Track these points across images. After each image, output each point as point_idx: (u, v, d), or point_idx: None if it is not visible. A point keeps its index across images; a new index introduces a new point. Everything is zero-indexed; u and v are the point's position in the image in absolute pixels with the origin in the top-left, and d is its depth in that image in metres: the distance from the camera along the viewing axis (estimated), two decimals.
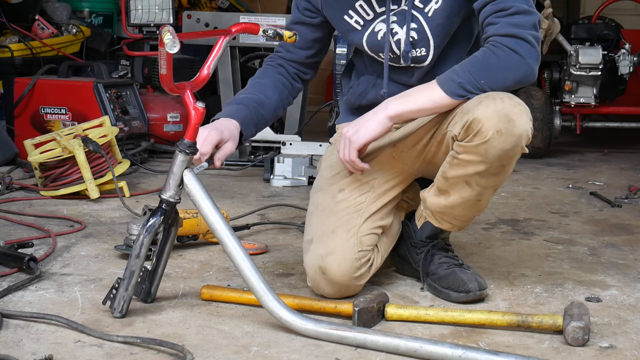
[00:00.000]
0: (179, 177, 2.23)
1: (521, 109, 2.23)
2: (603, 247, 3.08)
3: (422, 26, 2.38)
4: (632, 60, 5.26)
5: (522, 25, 2.23)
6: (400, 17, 2.40)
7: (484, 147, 2.22)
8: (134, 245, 2.23)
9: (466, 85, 2.24)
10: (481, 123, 2.20)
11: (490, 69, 2.24)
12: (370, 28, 2.44)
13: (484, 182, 2.29)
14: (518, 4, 2.24)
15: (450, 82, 2.25)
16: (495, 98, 2.22)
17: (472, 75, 2.23)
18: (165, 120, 4.86)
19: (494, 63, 2.23)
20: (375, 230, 2.44)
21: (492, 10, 2.25)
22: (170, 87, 2.19)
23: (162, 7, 5.00)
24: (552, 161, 5.11)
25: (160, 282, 2.34)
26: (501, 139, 2.21)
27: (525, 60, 2.23)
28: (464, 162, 2.26)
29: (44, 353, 1.95)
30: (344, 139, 2.34)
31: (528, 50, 2.23)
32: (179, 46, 2.08)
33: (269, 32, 2.28)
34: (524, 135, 2.23)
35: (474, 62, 2.25)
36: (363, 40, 2.46)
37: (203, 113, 2.22)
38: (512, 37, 2.23)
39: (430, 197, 2.41)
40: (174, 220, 2.30)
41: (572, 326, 2.10)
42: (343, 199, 2.43)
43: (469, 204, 2.35)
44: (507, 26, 2.23)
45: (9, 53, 4.83)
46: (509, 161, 2.27)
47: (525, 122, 2.23)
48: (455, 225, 2.45)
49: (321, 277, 2.38)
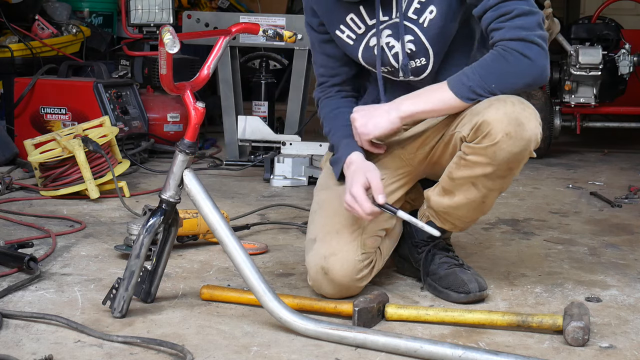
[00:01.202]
0: (179, 177, 2.23)
1: (531, 113, 2.23)
2: (603, 247, 3.08)
3: (419, 37, 2.36)
4: (632, 60, 5.25)
5: (527, 27, 2.23)
6: (394, 30, 2.38)
7: (492, 149, 2.22)
8: (134, 245, 2.23)
9: (476, 89, 2.24)
10: (491, 125, 2.20)
11: (501, 73, 2.24)
12: (363, 42, 2.42)
13: (490, 184, 2.29)
14: (519, 5, 2.24)
15: (461, 85, 2.26)
16: (506, 101, 2.22)
17: (483, 79, 2.24)
18: (165, 120, 4.86)
19: (504, 67, 2.23)
20: (379, 232, 2.44)
21: (494, 17, 2.25)
22: (170, 87, 2.18)
23: (162, 7, 5.00)
24: (552, 161, 5.11)
25: (160, 282, 2.34)
26: (510, 142, 2.21)
27: (535, 63, 2.23)
28: (472, 164, 2.26)
29: (44, 353, 1.95)
30: (352, 126, 2.37)
31: (537, 53, 2.23)
32: (179, 46, 2.08)
33: (269, 32, 2.28)
34: (533, 139, 2.23)
35: (484, 65, 2.25)
36: (359, 55, 2.44)
37: (203, 113, 2.22)
38: (520, 40, 2.22)
39: (434, 197, 2.41)
40: (174, 220, 2.30)
41: (572, 326, 2.10)
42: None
43: (473, 205, 2.35)
44: (512, 30, 2.23)
45: (9, 53, 4.83)
46: (517, 164, 2.27)
47: (535, 127, 2.23)
48: (457, 226, 2.45)
49: (323, 277, 2.38)
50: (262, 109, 4.77)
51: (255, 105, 4.79)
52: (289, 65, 4.85)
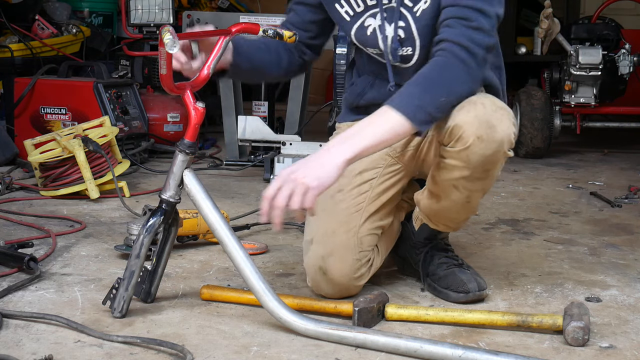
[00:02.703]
0: (179, 177, 2.23)
1: (503, 114, 2.20)
2: (603, 247, 3.08)
3: (410, 25, 2.33)
4: (632, 60, 5.25)
5: (478, 42, 2.17)
6: (390, 13, 2.35)
7: (465, 153, 2.20)
8: (134, 245, 2.23)
9: (428, 108, 2.11)
10: (462, 129, 2.18)
11: (445, 83, 2.16)
12: (359, 21, 2.39)
13: (470, 185, 2.28)
14: (484, 22, 2.18)
15: (411, 106, 2.10)
16: (477, 103, 2.18)
17: (432, 95, 2.13)
18: (165, 120, 4.85)
19: (448, 76, 2.16)
20: (375, 230, 2.44)
21: (455, 15, 2.19)
22: (170, 87, 2.18)
23: (162, 7, 5.00)
24: (552, 161, 5.11)
25: (160, 282, 2.34)
26: (482, 145, 2.18)
27: (473, 74, 2.18)
28: (450, 167, 2.26)
29: (44, 353, 1.95)
30: (296, 184, 2.04)
31: (475, 68, 2.17)
32: (179, 46, 2.08)
33: (269, 32, 2.28)
34: (506, 140, 2.20)
35: (429, 78, 2.15)
36: (352, 32, 2.41)
37: (203, 113, 2.22)
38: (465, 49, 2.16)
39: (423, 201, 2.41)
40: (174, 220, 2.30)
41: (572, 326, 2.10)
42: (342, 199, 2.43)
43: (458, 206, 2.34)
44: (463, 36, 2.16)
45: (9, 53, 4.83)
46: (492, 166, 2.24)
47: (507, 127, 2.20)
48: (450, 226, 2.45)
49: (322, 277, 2.38)
50: (262, 109, 4.77)
51: (255, 105, 4.79)
52: None
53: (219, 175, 4.34)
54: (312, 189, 2.03)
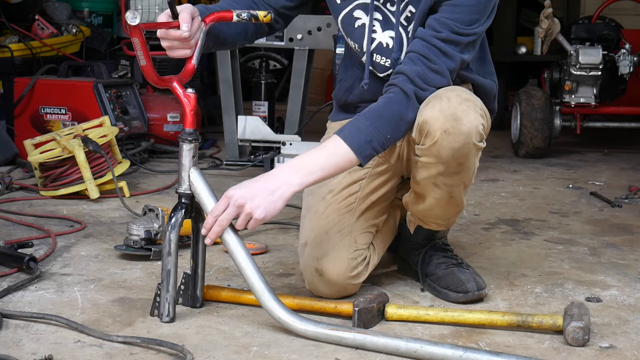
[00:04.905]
0: (189, 167, 2.22)
1: (469, 106, 2.20)
2: (603, 247, 3.08)
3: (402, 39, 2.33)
4: (632, 60, 5.25)
5: (431, 83, 2.20)
6: (384, 21, 2.35)
7: (435, 148, 2.20)
8: (163, 243, 2.20)
9: (374, 143, 2.16)
10: (429, 124, 2.18)
11: (393, 121, 2.19)
12: (349, 7, 2.37)
13: (449, 181, 2.28)
14: (444, 64, 2.20)
15: (360, 141, 2.15)
16: (442, 97, 2.19)
17: (379, 131, 2.17)
18: (165, 120, 4.86)
19: (396, 114, 2.19)
20: (368, 229, 2.44)
21: (420, 51, 2.21)
22: (154, 78, 2.17)
23: (162, 7, 5.00)
24: (552, 161, 5.11)
25: (203, 283, 2.32)
26: (449, 138, 2.18)
27: (416, 109, 2.21)
28: (426, 164, 2.26)
29: (44, 353, 1.95)
30: (243, 211, 2.11)
31: (418, 106, 2.21)
32: (139, 17, 2.06)
33: (243, 16, 2.26)
34: (474, 131, 2.20)
35: (378, 115, 2.19)
36: (339, 16, 2.39)
37: (195, 97, 2.22)
38: (416, 86, 2.20)
39: (411, 204, 2.43)
40: (199, 216, 2.26)
41: (572, 326, 2.10)
42: (333, 201, 2.43)
43: (443, 203, 2.34)
44: (418, 76, 2.19)
45: (9, 53, 4.83)
46: (465, 159, 2.23)
47: (473, 119, 2.19)
48: (441, 224, 2.45)
49: (318, 279, 2.38)
50: (262, 109, 4.76)
51: (255, 105, 4.79)
52: (289, 65, 4.85)
53: (219, 175, 4.34)
54: (257, 220, 2.11)
